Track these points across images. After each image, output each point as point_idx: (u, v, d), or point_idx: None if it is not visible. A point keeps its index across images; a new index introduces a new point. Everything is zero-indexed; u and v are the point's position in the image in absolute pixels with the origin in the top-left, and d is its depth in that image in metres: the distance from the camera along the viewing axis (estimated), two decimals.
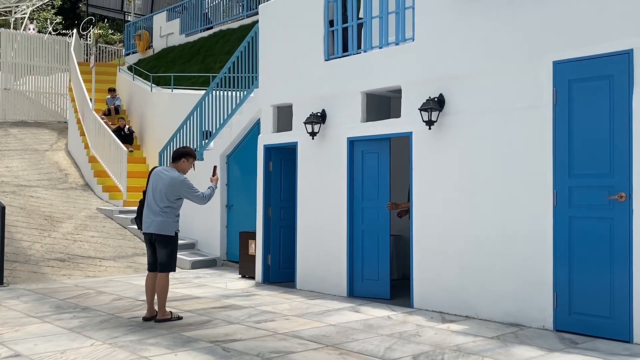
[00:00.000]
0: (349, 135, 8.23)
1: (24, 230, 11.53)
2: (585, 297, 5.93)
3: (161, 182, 6.66)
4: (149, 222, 6.67)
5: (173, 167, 6.82)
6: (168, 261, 6.70)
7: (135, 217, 7.00)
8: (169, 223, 6.64)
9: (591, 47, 5.95)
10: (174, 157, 6.87)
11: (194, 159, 6.98)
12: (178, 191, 6.67)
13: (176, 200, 6.70)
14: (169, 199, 6.64)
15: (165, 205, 6.63)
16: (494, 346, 5.61)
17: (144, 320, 6.69)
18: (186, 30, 20.84)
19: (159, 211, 6.63)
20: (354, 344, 5.72)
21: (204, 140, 12.38)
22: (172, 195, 6.65)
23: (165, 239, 6.65)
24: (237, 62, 11.72)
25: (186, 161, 6.83)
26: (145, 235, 6.80)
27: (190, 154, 6.89)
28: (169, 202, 6.64)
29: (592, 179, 5.93)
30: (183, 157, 6.82)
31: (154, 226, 6.64)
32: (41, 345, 5.67)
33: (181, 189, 6.67)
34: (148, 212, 6.70)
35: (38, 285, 9.09)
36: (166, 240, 6.66)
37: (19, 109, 20.79)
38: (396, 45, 7.87)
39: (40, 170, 15.90)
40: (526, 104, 6.44)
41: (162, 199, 6.63)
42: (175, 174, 6.70)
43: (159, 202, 6.64)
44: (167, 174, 6.70)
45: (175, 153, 6.90)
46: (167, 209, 6.64)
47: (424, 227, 7.35)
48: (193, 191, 6.73)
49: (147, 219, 6.69)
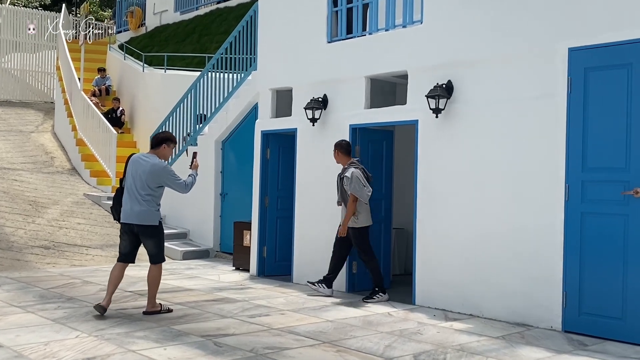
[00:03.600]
0: (351, 122, 8.22)
1: (7, 216, 11.53)
2: (596, 297, 5.95)
3: (141, 169, 6.57)
4: (130, 211, 6.58)
5: (153, 154, 6.73)
6: (157, 252, 6.65)
7: (112, 206, 6.87)
8: (151, 212, 6.57)
9: (609, 34, 5.92)
10: (154, 143, 6.79)
11: (175, 145, 6.96)
12: (160, 179, 6.60)
13: (157, 188, 6.63)
14: (150, 187, 6.55)
15: (146, 194, 6.55)
16: (499, 346, 5.62)
17: (96, 308, 6.46)
18: (181, 8, 20.76)
19: (141, 200, 6.54)
20: (352, 341, 5.74)
21: (198, 125, 12.36)
22: (153, 183, 6.57)
23: (150, 229, 6.60)
24: (235, 43, 11.69)
25: (167, 147, 6.76)
26: (124, 226, 6.66)
27: (171, 139, 6.83)
28: (151, 190, 6.56)
29: (607, 173, 5.93)
30: (164, 143, 6.74)
31: (135, 216, 6.56)
32: (24, 336, 5.68)
33: (163, 176, 6.61)
34: (128, 201, 6.60)
35: (21, 274, 9.10)
36: (151, 230, 6.61)
37: (3, 87, 20.75)
38: (403, 27, 7.84)
39: (25, 153, 15.87)
40: (539, 92, 6.43)
41: (143, 187, 6.54)
42: (157, 161, 6.64)
43: (140, 190, 6.54)
44: (148, 160, 6.61)
45: (155, 139, 6.83)
46: (149, 197, 6.56)
47: (427, 221, 7.35)
48: (176, 179, 6.66)
49: (128, 208, 6.59)
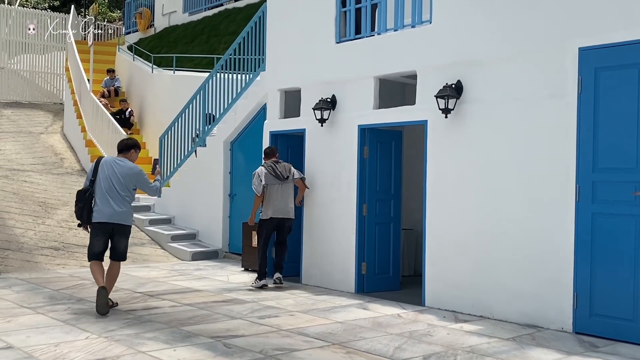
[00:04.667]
0: (360, 122, 8.23)
1: (16, 217, 11.61)
2: (607, 298, 5.93)
3: (120, 171, 6.95)
4: (110, 212, 6.85)
5: (124, 157, 7.13)
6: (125, 250, 7.11)
7: (80, 208, 6.91)
8: (130, 212, 7.08)
9: (620, 33, 5.91)
10: (122, 148, 7.17)
11: (140, 150, 7.39)
12: (136, 181, 7.04)
13: (133, 189, 7.08)
14: (128, 189, 7.00)
15: (126, 195, 6.97)
16: (509, 348, 5.62)
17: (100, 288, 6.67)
18: (190, 9, 20.81)
19: (122, 200, 6.93)
20: (361, 342, 5.75)
21: (207, 125, 12.40)
22: (131, 185, 7.01)
23: (126, 229, 7.05)
24: (243, 43, 11.71)
25: (135, 152, 7.21)
26: (102, 225, 6.87)
27: (138, 145, 7.29)
28: (129, 191, 7.01)
29: (618, 173, 5.91)
30: (132, 149, 7.20)
31: (117, 216, 6.89)
32: (34, 337, 5.73)
33: (139, 179, 7.06)
34: (107, 202, 6.86)
35: (31, 275, 9.17)
36: (127, 230, 7.07)
37: (12, 89, 20.86)
38: (412, 27, 7.84)
39: (34, 154, 15.97)
40: (549, 92, 6.41)
41: (123, 189, 6.94)
42: (133, 164, 7.09)
43: (121, 192, 6.92)
44: (124, 163, 7.03)
45: (123, 145, 7.20)
46: (128, 199, 7.01)
47: (437, 222, 7.35)
48: (148, 182, 7.13)
49: (107, 208, 6.85)
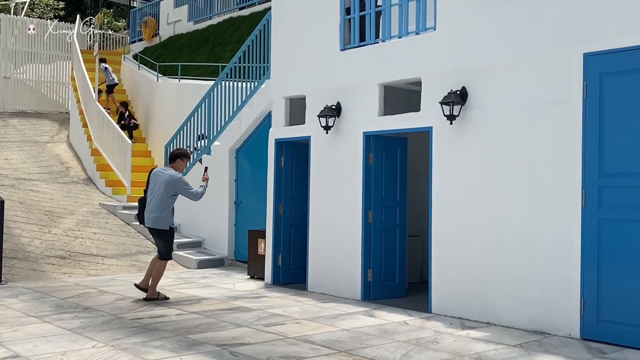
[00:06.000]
0: (365, 129, 8.24)
1: (23, 226, 11.65)
2: (615, 304, 5.91)
3: (160, 179, 8.01)
4: (148, 217, 8.06)
5: (170, 167, 8.21)
6: (164, 250, 8.13)
7: (137, 213, 8.32)
8: (163, 218, 8.00)
9: (624, 38, 5.91)
10: (170, 159, 8.30)
11: (188, 159, 8.43)
12: (175, 188, 8.00)
13: (172, 196, 8.03)
14: (166, 195, 7.95)
15: (161, 202, 7.95)
16: (516, 355, 5.60)
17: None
18: (194, 17, 20.93)
19: (156, 207, 7.98)
20: (368, 350, 5.75)
21: (198, 141, 12.58)
22: (169, 192, 7.97)
23: (160, 232, 8.09)
24: (248, 52, 11.76)
25: (181, 161, 8.25)
26: (148, 229, 8.24)
27: (184, 154, 8.32)
28: (166, 198, 7.96)
29: (624, 178, 5.90)
30: (178, 158, 8.24)
31: (151, 221, 8.03)
32: (41, 346, 5.74)
33: (177, 185, 8.01)
34: (149, 208, 8.05)
35: (37, 284, 9.20)
36: (161, 233, 8.09)
37: (18, 98, 20.99)
38: (416, 34, 7.85)
39: (40, 163, 16.04)
40: (554, 98, 6.41)
41: (160, 196, 7.96)
42: (173, 172, 8.08)
43: (157, 199, 7.97)
44: (165, 172, 8.09)
45: (171, 155, 8.35)
46: (163, 205, 7.96)
47: (443, 228, 7.34)
48: (188, 188, 8.11)
49: (149, 214, 8.06)
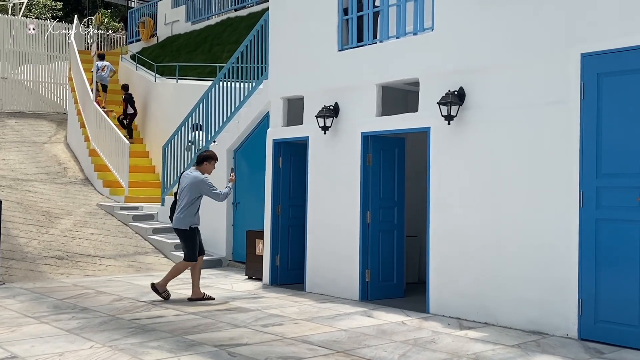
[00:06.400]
0: (363, 130, 8.24)
1: (20, 227, 11.64)
2: (613, 304, 5.91)
3: (186, 181, 8.13)
4: (174, 217, 8.21)
5: (197, 169, 8.22)
6: (186, 251, 8.19)
7: (169, 215, 8.45)
8: (182, 218, 8.06)
9: (622, 39, 5.92)
10: (197, 161, 8.31)
11: (215, 161, 8.38)
12: (199, 189, 8.05)
13: (197, 198, 8.09)
14: (191, 196, 8.04)
15: (186, 203, 8.05)
16: (514, 355, 5.60)
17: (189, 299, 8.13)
18: (192, 18, 20.92)
19: (180, 208, 8.09)
20: (365, 350, 5.74)
21: (192, 132, 12.69)
22: (194, 193, 8.05)
23: (180, 232, 8.18)
24: (246, 52, 11.75)
25: (208, 164, 8.25)
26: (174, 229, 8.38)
27: (211, 157, 8.32)
28: (191, 199, 8.05)
29: (622, 179, 5.91)
30: (205, 160, 8.24)
31: (175, 222, 8.18)
32: (38, 347, 5.73)
33: (201, 187, 8.05)
34: (177, 209, 8.19)
35: (35, 284, 9.18)
36: (181, 233, 8.17)
37: (16, 99, 20.96)
38: (414, 35, 7.86)
39: (38, 164, 16.02)
40: (552, 99, 6.42)
41: (184, 197, 8.08)
42: (197, 174, 8.14)
43: (185, 199, 8.08)
44: (190, 174, 8.19)
45: (198, 157, 8.36)
46: (186, 205, 8.04)
47: (441, 228, 7.35)
48: (212, 189, 8.11)
49: (175, 215, 8.19)
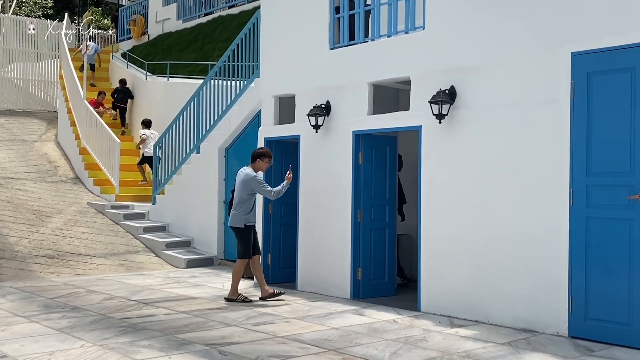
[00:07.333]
0: (354, 128, 8.24)
1: (10, 225, 11.58)
2: (602, 302, 5.95)
3: (239, 179, 8.14)
4: (230, 215, 8.22)
5: (250, 167, 8.17)
6: (240, 249, 8.11)
7: (227, 212, 8.56)
8: (237, 216, 8.06)
9: (612, 38, 5.94)
10: (251, 158, 8.22)
11: (269, 158, 8.24)
12: (250, 186, 8.04)
13: (249, 195, 8.06)
14: (243, 194, 8.05)
15: (239, 200, 8.06)
16: (505, 353, 5.62)
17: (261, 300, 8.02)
18: (183, 16, 20.88)
19: (235, 206, 8.11)
20: (357, 348, 5.75)
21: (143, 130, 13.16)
22: (246, 190, 8.05)
23: (235, 230, 8.12)
24: (237, 50, 11.73)
25: (261, 161, 8.16)
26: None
27: (264, 154, 8.20)
28: (243, 196, 8.05)
29: (611, 177, 5.93)
30: (258, 158, 8.16)
31: (230, 220, 8.19)
32: (28, 346, 5.71)
33: (252, 184, 8.04)
34: (232, 207, 8.19)
35: (25, 283, 9.14)
36: (236, 231, 8.12)
37: (6, 97, 20.85)
38: (405, 34, 7.87)
39: (28, 162, 15.95)
40: (542, 97, 6.44)
41: (237, 195, 8.12)
42: (249, 171, 8.11)
43: (235, 198, 8.16)
44: (243, 171, 8.20)
45: (252, 155, 8.27)
46: (240, 203, 8.04)
47: (432, 227, 7.36)
48: (263, 186, 8.11)
49: (231, 212, 8.18)
